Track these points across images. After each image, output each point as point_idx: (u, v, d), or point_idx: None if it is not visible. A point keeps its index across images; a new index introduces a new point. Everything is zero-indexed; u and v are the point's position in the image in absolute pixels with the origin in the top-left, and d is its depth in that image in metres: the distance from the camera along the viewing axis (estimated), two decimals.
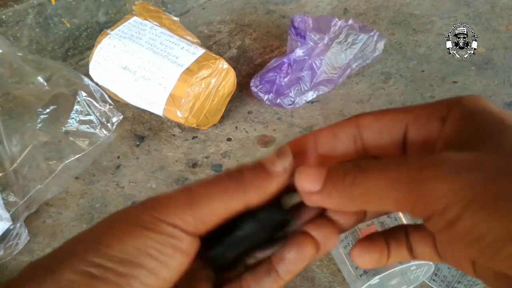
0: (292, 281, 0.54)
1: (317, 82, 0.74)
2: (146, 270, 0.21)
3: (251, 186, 0.22)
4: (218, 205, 0.22)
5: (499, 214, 0.17)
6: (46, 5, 0.78)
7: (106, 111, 0.68)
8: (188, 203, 0.22)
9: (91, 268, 0.20)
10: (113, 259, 0.20)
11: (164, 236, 0.21)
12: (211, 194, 0.22)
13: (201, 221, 0.22)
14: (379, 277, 0.43)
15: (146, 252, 0.21)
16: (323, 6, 0.97)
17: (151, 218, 0.21)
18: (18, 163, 0.60)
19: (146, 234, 0.21)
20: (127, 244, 0.21)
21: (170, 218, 0.21)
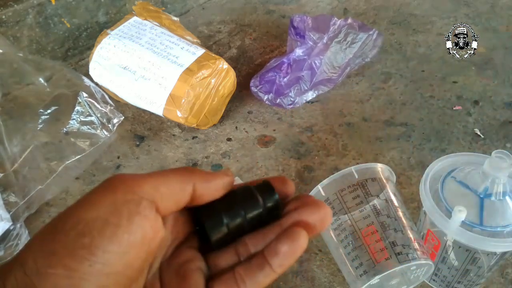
0: (292, 281, 0.54)
1: (317, 82, 0.75)
2: (105, 237, 0.21)
3: (197, 173, 0.25)
4: (170, 179, 0.24)
5: None
6: (46, 5, 0.78)
7: (107, 112, 0.68)
8: (144, 176, 0.23)
9: (50, 246, 0.20)
10: (71, 233, 0.20)
11: (121, 201, 0.22)
12: (164, 172, 0.24)
13: (156, 190, 0.23)
14: (379, 277, 0.43)
15: (103, 220, 0.21)
16: (323, 6, 0.97)
17: (109, 187, 0.22)
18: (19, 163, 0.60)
19: (101, 203, 0.21)
20: (82, 215, 0.21)
21: (126, 185, 0.22)
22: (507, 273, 0.53)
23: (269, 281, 0.25)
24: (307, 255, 0.56)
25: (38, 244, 0.21)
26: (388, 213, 0.46)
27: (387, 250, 0.44)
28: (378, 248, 0.44)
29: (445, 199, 0.44)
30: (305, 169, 0.67)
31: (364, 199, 0.46)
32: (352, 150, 0.69)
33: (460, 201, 0.43)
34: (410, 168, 0.65)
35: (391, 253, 0.44)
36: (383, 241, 0.44)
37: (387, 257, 0.43)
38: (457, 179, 0.45)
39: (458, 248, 0.45)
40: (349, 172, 0.47)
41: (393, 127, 0.72)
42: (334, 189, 0.47)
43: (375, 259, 0.44)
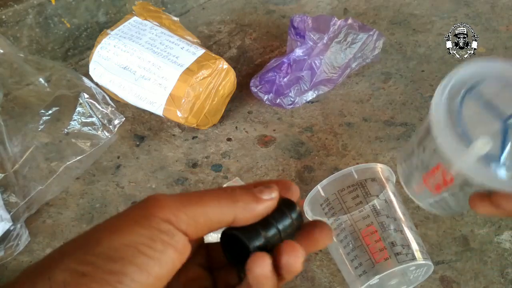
0: (292, 281, 0.54)
1: (317, 82, 0.75)
2: (136, 266, 0.21)
3: (240, 201, 0.24)
4: (210, 209, 0.23)
5: None
6: (46, 5, 0.78)
7: (108, 113, 0.68)
8: (183, 203, 0.22)
9: (81, 266, 0.20)
10: (102, 256, 0.20)
11: (155, 231, 0.21)
12: (204, 199, 0.23)
13: (193, 220, 0.22)
14: (378, 277, 0.43)
15: (136, 248, 0.21)
16: (323, 6, 0.97)
17: (145, 212, 0.22)
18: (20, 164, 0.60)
19: (136, 230, 0.21)
20: (116, 240, 0.21)
21: (163, 213, 0.22)
22: (507, 273, 0.53)
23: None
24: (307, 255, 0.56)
25: (69, 261, 0.21)
26: (387, 213, 0.46)
27: (386, 250, 0.44)
28: (378, 248, 0.44)
29: (463, 122, 0.33)
30: (305, 169, 0.67)
31: (363, 199, 0.46)
32: (352, 150, 0.69)
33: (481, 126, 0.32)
34: None
35: (390, 253, 0.44)
36: (382, 241, 0.44)
37: (387, 257, 0.44)
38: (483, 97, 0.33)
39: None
40: (348, 172, 0.47)
41: (393, 127, 0.72)
42: (333, 189, 0.47)
43: (375, 259, 0.44)
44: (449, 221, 0.59)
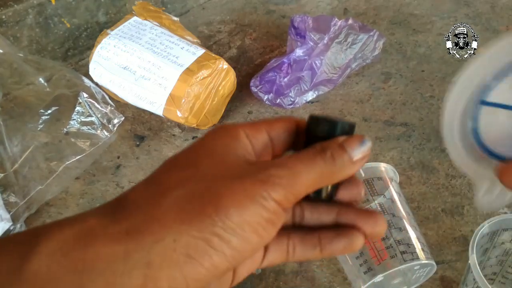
0: (292, 281, 0.54)
1: (317, 82, 0.75)
2: (250, 245, 0.21)
3: (339, 174, 0.23)
4: (311, 185, 0.23)
5: None
6: (46, 5, 0.78)
7: (108, 113, 0.68)
8: (291, 182, 0.22)
9: (208, 235, 0.20)
10: (229, 231, 0.20)
11: (270, 213, 0.21)
12: (308, 175, 0.22)
13: (296, 197, 0.22)
14: (383, 275, 0.43)
15: (254, 228, 0.21)
16: (323, 6, 0.97)
17: (261, 190, 0.21)
18: (19, 163, 0.60)
19: (256, 209, 0.21)
20: (241, 215, 0.20)
21: (277, 194, 0.21)
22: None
23: (314, 259, 0.26)
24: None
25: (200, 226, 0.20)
26: (393, 212, 0.46)
27: (392, 248, 0.44)
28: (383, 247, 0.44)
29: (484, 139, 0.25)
30: None
31: (370, 197, 0.46)
32: None
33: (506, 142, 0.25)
34: (410, 168, 0.65)
35: (395, 251, 0.44)
36: (387, 240, 0.44)
37: (392, 255, 0.44)
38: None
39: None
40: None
41: (393, 127, 0.72)
42: None
43: (379, 257, 0.44)
44: (449, 221, 0.59)
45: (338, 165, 0.23)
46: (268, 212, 0.21)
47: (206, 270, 0.20)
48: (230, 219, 0.20)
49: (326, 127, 0.25)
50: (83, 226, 0.20)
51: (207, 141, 0.24)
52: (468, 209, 0.61)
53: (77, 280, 0.19)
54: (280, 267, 0.55)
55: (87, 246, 0.19)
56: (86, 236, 0.20)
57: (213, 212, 0.20)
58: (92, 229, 0.20)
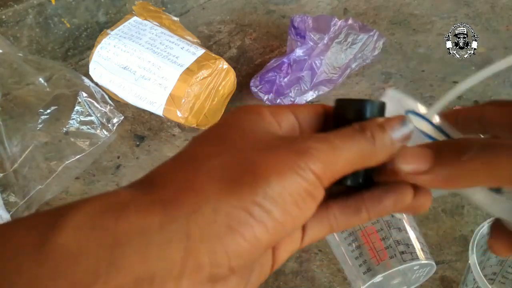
0: (292, 281, 0.54)
1: (317, 82, 0.74)
2: (290, 217, 0.20)
3: (379, 154, 0.22)
4: (350, 164, 0.22)
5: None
6: (46, 5, 0.78)
7: (107, 112, 0.68)
8: (330, 157, 0.21)
9: (249, 204, 0.19)
10: (270, 201, 0.19)
11: (309, 184, 0.20)
12: (348, 152, 0.21)
13: (334, 174, 0.21)
14: (382, 275, 0.43)
15: (294, 199, 0.20)
16: (323, 6, 0.97)
17: (299, 160, 0.20)
18: (19, 163, 0.60)
19: (296, 179, 0.20)
20: (282, 186, 0.19)
21: (316, 166, 0.20)
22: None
23: (360, 223, 0.24)
24: (307, 255, 0.56)
25: (239, 196, 0.19)
26: None
27: (391, 248, 0.44)
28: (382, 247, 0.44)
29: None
30: None
31: None
32: None
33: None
34: None
35: (395, 251, 0.44)
36: (387, 240, 0.44)
37: (391, 255, 0.43)
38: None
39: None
40: None
41: None
42: None
43: (379, 257, 0.44)
44: (449, 221, 0.59)
45: (379, 145, 0.22)
46: (307, 183, 0.20)
47: (247, 243, 0.19)
48: (271, 187, 0.19)
49: (356, 109, 0.24)
50: (113, 198, 0.19)
51: (233, 118, 0.23)
52: (468, 209, 0.61)
53: (108, 254, 0.17)
54: (280, 267, 0.55)
55: (119, 218, 0.18)
56: (117, 208, 0.18)
57: (253, 181, 0.19)
58: (123, 201, 0.19)
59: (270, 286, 0.54)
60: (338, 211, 0.24)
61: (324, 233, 0.24)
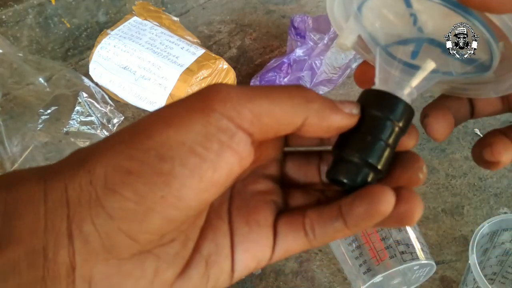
0: (292, 281, 0.54)
1: (317, 82, 0.75)
2: (187, 169, 0.18)
3: (314, 103, 0.20)
4: (278, 107, 0.19)
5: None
6: (46, 5, 0.78)
7: (107, 112, 0.68)
8: (248, 96, 0.19)
9: (126, 161, 0.17)
10: (152, 153, 0.17)
11: (212, 128, 0.18)
12: (273, 95, 0.19)
13: (258, 119, 0.19)
14: (382, 275, 0.43)
15: (189, 148, 0.18)
16: (323, 6, 0.97)
17: (203, 105, 0.18)
18: (19, 163, 0.60)
19: (192, 126, 0.18)
20: (169, 136, 0.18)
21: (224, 107, 0.18)
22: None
23: (341, 236, 0.21)
24: (307, 255, 0.56)
25: (112, 155, 0.18)
26: None
27: (391, 248, 0.44)
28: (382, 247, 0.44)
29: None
30: None
31: None
32: None
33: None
34: None
35: (395, 251, 0.44)
36: (387, 240, 0.44)
37: (391, 255, 0.44)
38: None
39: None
40: None
41: None
42: None
43: (379, 257, 0.44)
44: (449, 221, 0.59)
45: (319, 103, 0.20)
46: (210, 128, 0.18)
47: (134, 203, 0.17)
48: (151, 139, 0.18)
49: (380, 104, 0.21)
50: (12, 174, 0.19)
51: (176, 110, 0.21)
52: (468, 209, 0.61)
53: (0, 225, 0.17)
54: (280, 267, 0.55)
55: (10, 188, 0.17)
56: (11, 180, 0.18)
57: (130, 137, 0.18)
58: (19, 175, 0.18)
59: (270, 286, 0.54)
60: (315, 219, 0.21)
61: (300, 245, 0.21)
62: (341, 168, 0.21)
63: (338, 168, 0.21)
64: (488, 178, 0.64)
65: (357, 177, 0.21)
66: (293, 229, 0.21)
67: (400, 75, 0.22)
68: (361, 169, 0.21)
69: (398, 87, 0.22)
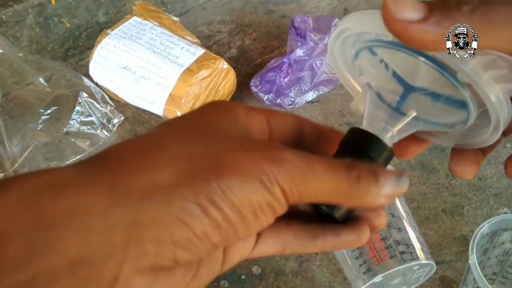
0: (292, 281, 0.54)
1: (317, 82, 0.75)
2: (245, 224, 0.19)
3: (358, 199, 0.21)
4: (322, 194, 0.20)
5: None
6: (46, 5, 0.78)
7: (107, 112, 0.68)
8: (302, 177, 0.19)
9: (204, 201, 0.18)
10: (227, 202, 0.18)
11: (273, 197, 0.19)
12: (324, 180, 0.20)
13: (301, 196, 0.20)
14: (382, 275, 0.43)
15: (253, 207, 0.19)
16: (323, 6, 0.97)
17: (269, 171, 0.19)
18: (19, 163, 0.60)
19: (261, 189, 0.19)
20: (246, 192, 0.18)
21: (284, 181, 0.19)
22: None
23: (312, 252, 0.24)
24: (307, 255, 0.56)
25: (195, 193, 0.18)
26: (392, 212, 0.46)
27: (391, 248, 0.44)
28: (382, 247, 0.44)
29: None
30: None
31: None
32: None
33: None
34: (410, 168, 0.65)
35: (394, 251, 0.44)
36: (387, 240, 0.44)
37: (391, 255, 0.44)
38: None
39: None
40: None
41: None
42: None
43: (379, 257, 0.44)
44: (449, 221, 0.59)
45: (361, 190, 0.20)
46: (270, 196, 0.19)
47: (196, 238, 0.18)
48: (231, 190, 0.18)
49: (364, 142, 0.23)
50: (54, 175, 0.17)
51: (206, 112, 0.22)
52: (468, 209, 0.61)
53: (43, 235, 0.16)
54: (280, 267, 0.55)
55: (58, 196, 0.16)
56: (56, 185, 0.17)
57: (213, 179, 0.18)
58: (65, 178, 0.17)
59: (270, 286, 0.54)
60: (298, 232, 0.23)
61: (275, 249, 0.23)
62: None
63: None
64: (488, 178, 0.64)
65: (336, 208, 0.23)
66: (275, 235, 0.23)
67: (388, 119, 0.24)
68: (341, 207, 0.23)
69: (383, 131, 0.24)
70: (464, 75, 0.21)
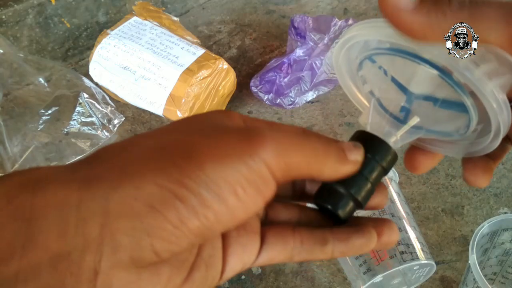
0: (292, 281, 0.54)
1: (317, 82, 0.75)
2: (226, 207, 0.19)
3: (330, 162, 0.22)
4: (307, 165, 0.21)
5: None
6: (46, 5, 0.78)
7: (108, 113, 0.68)
8: (286, 149, 0.20)
9: (176, 186, 0.18)
10: (202, 185, 0.18)
11: (254, 174, 0.19)
12: (306, 150, 0.21)
13: (289, 172, 0.20)
14: (382, 275, 0.43)
15: (232, 187, 0.19)
16: (323, 6, 0.97)
17: (249, 148, 0.19)
18: (19, 164, 0.60)
19: (238, 166, 0.19)
20: (218, 171, 0.18)
21: (267, 155, 0.19)
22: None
23: (323, 258, 0.23)
24: None
25: (162, 177, 0.18)
26: (392, 212, 0.46)
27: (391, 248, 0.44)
28: None
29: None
30: None
31: None
32: None
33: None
34: None
35: (394, 251, 0.44)
36: None
37: (391, 255, 0.44)
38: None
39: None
40: None
41: None
42: None
43: (379, 257, 0.44)
44: (449, 221, 0.59)
45: (335, 152, 0.22)
46: (252, 172, 0.19)
47: (172, 226, 0.18)
48: (204, 172, 0.18)
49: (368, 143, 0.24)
50: (34, 174, 0.18)
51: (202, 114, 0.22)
52: (468, 209, 0.61)
53: (23, 228, 0.16)
54: (280, 267, 0.55)
55: (36, 191, 0.17)
56: (36, 183, 0.18)
57: (185, 164, 0.18)
58: (44, 176, 0.18)
59: (270, 286, 0.54)
60: (306, 237, 0.23)
61: (283, 257, 0.23)
62: (327, 196, 0.24)
63: (324, 195, 0.24)
64: None
65: (340, 205, 0.23)
66: (282, 240, 0.23)
67: (390, 127, 0.26)
68: (345, 199, 0.23)
69: (386, 135, 0.25)
70: (458, 75, 0.21)
